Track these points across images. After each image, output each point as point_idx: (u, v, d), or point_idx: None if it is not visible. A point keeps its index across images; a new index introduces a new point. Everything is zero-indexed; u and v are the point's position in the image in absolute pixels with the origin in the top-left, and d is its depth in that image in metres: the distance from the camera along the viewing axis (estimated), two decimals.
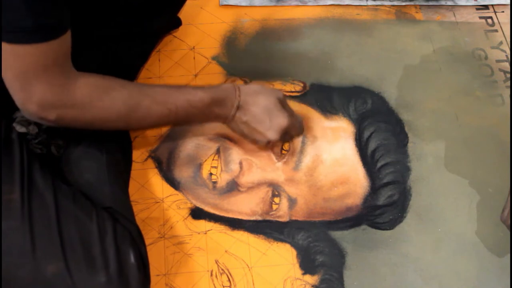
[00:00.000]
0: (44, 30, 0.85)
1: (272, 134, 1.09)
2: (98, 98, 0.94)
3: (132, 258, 0.95)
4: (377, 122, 1.25)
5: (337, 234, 1.13)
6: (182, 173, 1.19)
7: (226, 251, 1.11)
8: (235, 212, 1.15)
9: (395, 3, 1.43)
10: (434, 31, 1.39)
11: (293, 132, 1.15)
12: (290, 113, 1.12)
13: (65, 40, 0.89)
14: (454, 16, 1.42)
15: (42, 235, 0.91)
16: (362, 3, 1.43)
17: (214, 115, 1.07)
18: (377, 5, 1.43)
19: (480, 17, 1.42)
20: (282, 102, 1.11)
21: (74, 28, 0.90)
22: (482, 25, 1.41)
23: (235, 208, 1.15)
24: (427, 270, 1.10)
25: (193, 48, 1.35)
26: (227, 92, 1.07)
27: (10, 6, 0.81)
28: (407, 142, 1.23)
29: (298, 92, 1.29)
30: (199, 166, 1.19)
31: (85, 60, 1.07)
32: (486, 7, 1.44)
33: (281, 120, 1.09)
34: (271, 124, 1.09)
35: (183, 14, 1.33)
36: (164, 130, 1.23)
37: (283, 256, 1.11)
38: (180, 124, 1.18)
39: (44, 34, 0.85)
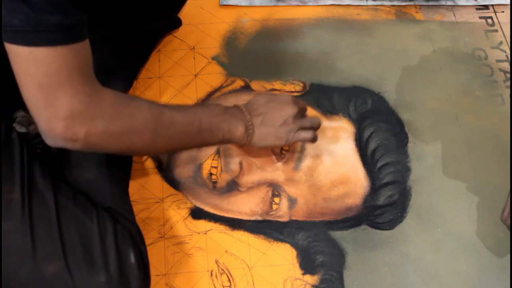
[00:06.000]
0: (68, 30, 0.79)
1: (290, 110, 1.08)
2: (124, 105, 0.89)
3: (132, 258, 0.95)
4: (377, 122, 1.25)
5: (337, 234, 1.13)
6: (182, 173, 1.19)
7: (226, 251, 1.11)
8: (235, 212, 1.15)
9: (395, 3, 1.43)
10: (434, 31, 1.39)
11: (306, 123, 1.12)
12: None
13: (87, 46, 0.84)
14: (454, 16, 1.42)
15: (42, 235, 0.92)
16: (362, 3, 1.43)
17: (234, 124, 1.03)
18: (377, 5, 1.43)
19: (480, 17, 1.42)
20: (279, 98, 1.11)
21: None
22: (482, 25, 1.41)
23: (235, 208, 1.15)
24: (427, 270, 1.10)
25: (193, 48, 1.35)
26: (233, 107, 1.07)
27: (30, 3, 0.74)
28: (407, 142, 1.23)
29: (298, 92, 1.29)
30: (199, 166, 1.19)
31: None
32: (486, 7, 1.44)
33: (288, 107, 1.08)
34: (282, 108, 1.08)
35: (183, 14, 1.33)
36: None
37: (283, 256, 1.11)
38: (206, 138, 1.01)
39: (69, 34, 0.79)
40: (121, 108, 0.88)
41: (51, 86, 0.80)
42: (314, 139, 1.12)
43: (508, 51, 1.36)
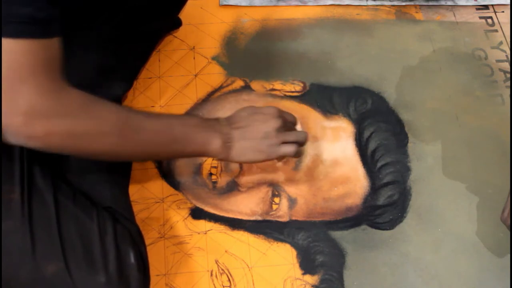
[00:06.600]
0: (38, 24, 0.77)
1: (271, 124, 1.03)
2: (90, 106, 0.86)
3: (132, 258, 0.95)
4: (377, 122, 1.25)
5: (337, 234, 1.13)
6: (182, 173, 1.19)
7: (226, 251, 1.11)
8: (235, 212, 1.15)
9: (395, 3, 1.43)
10: (434, 31, 1.39)
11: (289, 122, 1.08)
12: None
13: (57, 44, 0.82)
14: (454, 16, 1.42)
15: (42, 235, 0.91)
16: (362, 3, 1.43)
17: (210, 136, 0.99)
18: (377, 5, 1.43)
19: (480, 17, 1.42)
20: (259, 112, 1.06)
21: (74, 28, 0.90)
22: (482, 25, 1.41)
23: (235, 208, 1.15)
24: (427, 270, 1.10)
25: (193, 48, 1.35)
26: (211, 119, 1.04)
27: None
28: (407, 142, 1.23)
29: (298, 92, 1.29)
30: (199, 166, 1.19)
31: (85, 60, 1.08)
32: (486, 7, 1.44)
33: (271, 120, 1.04)
34: (265, 118, 1.04)
35: (183, 14, 1.33)
36: None
37: (283, 256, 1.11)
38: (177, 149, 0.99)
39: (38, 28, 0.77)
40: (87, 109, 0.86)
41: (13, 79, 0.78)
42: (297, 154, 1.07)
43: (508, 51, 1.36)
